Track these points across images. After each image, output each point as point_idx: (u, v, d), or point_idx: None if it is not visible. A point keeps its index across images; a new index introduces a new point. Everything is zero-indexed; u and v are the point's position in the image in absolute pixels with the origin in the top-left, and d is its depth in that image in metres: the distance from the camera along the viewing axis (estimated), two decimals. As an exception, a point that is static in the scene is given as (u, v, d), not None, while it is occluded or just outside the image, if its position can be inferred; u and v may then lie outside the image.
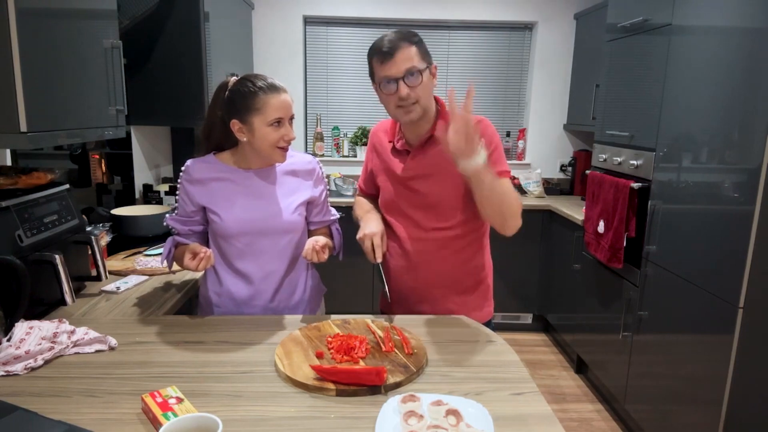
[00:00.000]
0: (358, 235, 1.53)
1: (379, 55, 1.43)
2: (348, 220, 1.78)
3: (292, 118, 1.48)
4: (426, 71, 1.44)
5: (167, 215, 1.59)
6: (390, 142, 1.60)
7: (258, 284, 1.56)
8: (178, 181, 1.55)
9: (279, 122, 1.43)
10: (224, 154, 1.55)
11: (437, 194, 1.52)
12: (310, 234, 1.65)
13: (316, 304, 1.70)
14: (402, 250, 1.59)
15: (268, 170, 1.55)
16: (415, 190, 1.54)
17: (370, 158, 1.70)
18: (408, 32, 1.45)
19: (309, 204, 1.61)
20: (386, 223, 1.62)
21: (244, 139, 1.46)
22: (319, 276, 1.75)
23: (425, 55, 1.45)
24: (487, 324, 1.61)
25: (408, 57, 1.41)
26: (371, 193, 1.73)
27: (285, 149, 1.48)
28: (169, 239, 1.57)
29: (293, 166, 1.58)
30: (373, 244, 1.49)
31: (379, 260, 1.50)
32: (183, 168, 1.54)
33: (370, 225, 1.55)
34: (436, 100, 1.55)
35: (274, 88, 1.43)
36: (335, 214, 1.70)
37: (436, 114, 1.53)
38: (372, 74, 1.48)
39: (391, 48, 1.41)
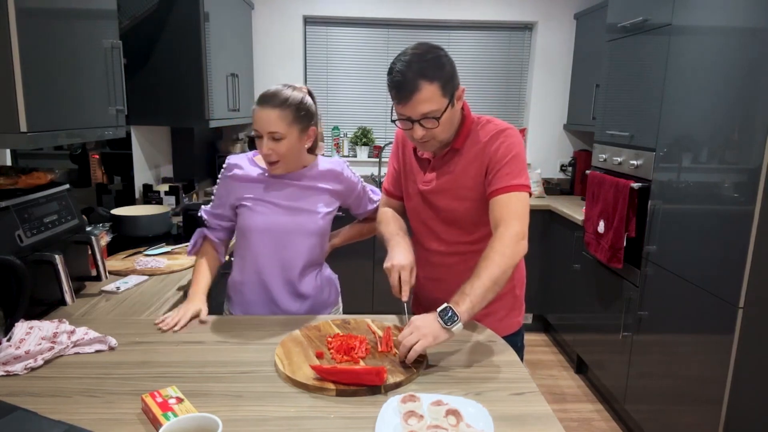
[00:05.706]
0: (386, 264, 1.38)
1: (395, 91, 1.27)
2: (346, 220, 1.77)
3: (275, 136, 1.41)
4: (448, 107, 1.28)
5: (203, 206, 1.66)
6: (413, 148, 1.53)
7: (277, 284, 1.59)
8: (219, 175, 1.60)
9: (259, 136, 1.44)
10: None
11: (457, 210, 1.45)
12: (359, 222, 1.78)
13: (333, 301, 1.74)
14: (426, 261, 1.54)
15: (293, 175, 1.56)
16: (435, 205, 1.48)
17: (395, 159, 1.61)
18: (432, 62, 1.24)
19: (343, 204, 1.66)
20: (412, 231, 1.59)
21: None
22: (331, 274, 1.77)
23: (449, 84, 1.27)
24: (515, 335, 1.57)
25: (427, 98, 1.24)
26: (398, 196, 1.63)
27: (270, 164, 1.47)
28: (198, 231, 1.64)
29: (319, 171, 1.59)
30: (400, 279, 1.34)
31: (405, 299, 1.34)
32: (225, 165, 1.58)
33: (399, 255, 1.39)
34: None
35: (261, 100, 1.43)
36: (377, 200, 1.72)
37: (462, 122, 1.43)
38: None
39: (408, 88, 1.24)
